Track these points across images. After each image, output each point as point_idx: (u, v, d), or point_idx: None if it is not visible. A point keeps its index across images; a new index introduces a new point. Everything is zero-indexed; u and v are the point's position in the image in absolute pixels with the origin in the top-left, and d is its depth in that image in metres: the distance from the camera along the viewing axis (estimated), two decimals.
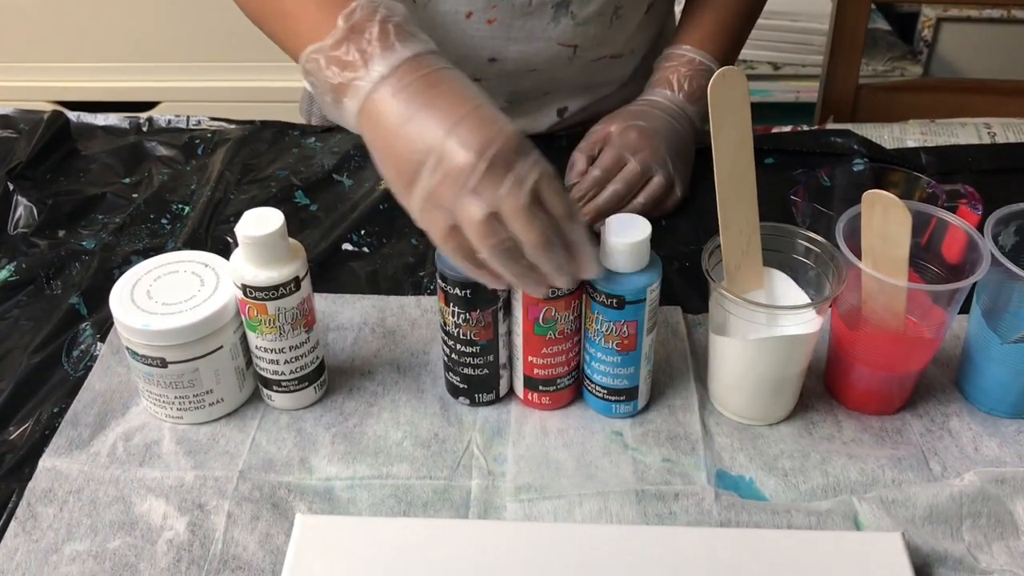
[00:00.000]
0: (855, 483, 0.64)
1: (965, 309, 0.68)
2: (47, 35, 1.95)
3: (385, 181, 0.61)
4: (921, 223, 0.66)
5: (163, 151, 0.97)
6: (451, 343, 0.67)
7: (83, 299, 0.78)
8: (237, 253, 0.64)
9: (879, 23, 2.18)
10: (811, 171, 0.85)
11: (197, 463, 0.65)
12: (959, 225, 0.66)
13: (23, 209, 0.89)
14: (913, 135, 1.01)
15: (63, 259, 0.83)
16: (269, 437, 0.67)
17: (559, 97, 0.99)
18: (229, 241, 0.85)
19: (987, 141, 1.00)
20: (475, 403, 0.70)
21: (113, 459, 0.65)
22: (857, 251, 0.63)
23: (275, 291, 0.63)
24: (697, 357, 0.73)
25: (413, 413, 0.69)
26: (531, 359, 0.67)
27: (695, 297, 0.78)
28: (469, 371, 0.68)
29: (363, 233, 0.86)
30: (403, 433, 0.68)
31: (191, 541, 0.60)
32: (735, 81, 0.61)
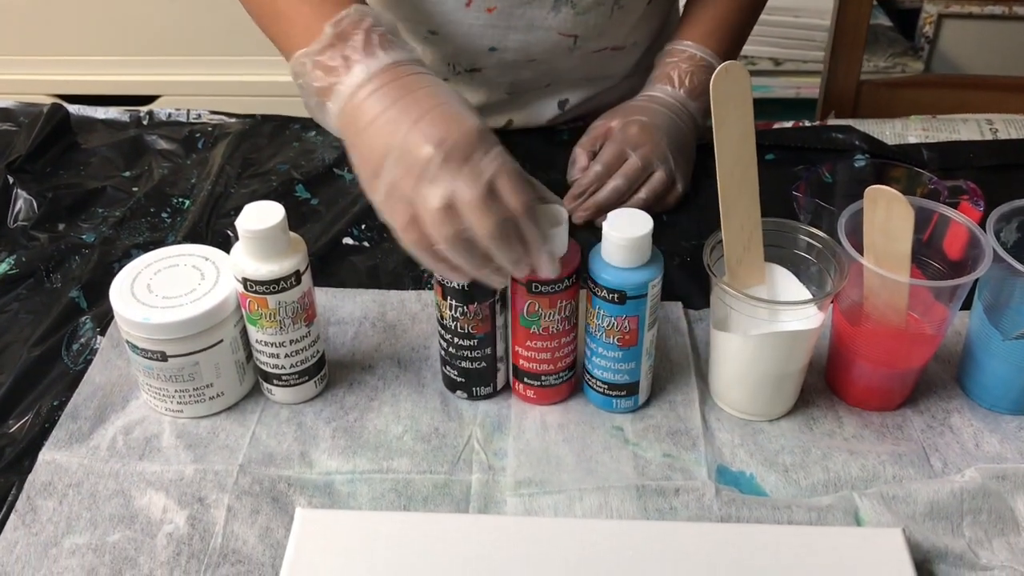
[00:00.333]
0: (856, 479, 0.64)
1: (967, 305, 0.68)
2: (47, 28, 1.95)
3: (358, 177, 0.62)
4: (923, 219, 0.66)
5: (163, 145, 0.97)
6: (448, 337, 0.67)
7: (83, 292, 0.78)
8: (238, 247, 0.64)
9: (881, 19, 2.18)
10: (812, 167, 0.85)
11: (197, 457, 0.65)
12: (961, 221, 0.65)
13: (23, 202, 0.88)
14: (915, 131, 1.00)
15: (63, 252, 0.83)
16: (269, 431, 0.67)
17: (560, 89, 0.99)
18: (229, 235, 0.85)
19: (989, 137, 0.99)
20: (472, 397, 0.69)
21: (113, 452, 0.65)
22: (859, 247, 0.63)
23: (276, 285, 0.63)
24: (698, 352, 0.73)
25: (413, 407, 0.69)
26: (517, 348, 0.67)
27: (696, 292, 0.78)
28: (467, 364, 0.68)
29: (364, 227, 0.86)
30: (403, 427, 0.68)
31: (191, 535, 0.60)
32: (737, 76, 0.61)
